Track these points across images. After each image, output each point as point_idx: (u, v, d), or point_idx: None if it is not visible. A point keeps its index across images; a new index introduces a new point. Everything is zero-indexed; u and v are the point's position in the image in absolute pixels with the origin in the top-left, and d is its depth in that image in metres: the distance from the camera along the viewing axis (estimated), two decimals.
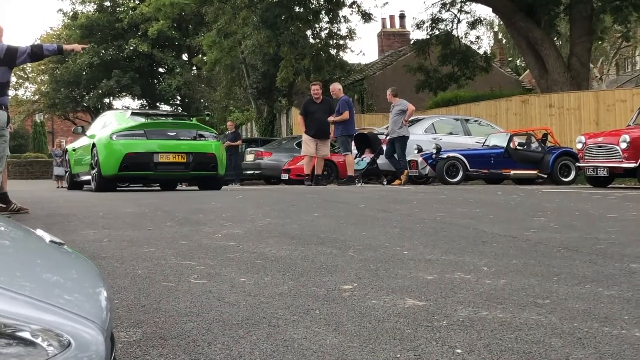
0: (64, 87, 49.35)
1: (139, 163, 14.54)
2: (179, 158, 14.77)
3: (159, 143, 14.68)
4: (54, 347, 1.07)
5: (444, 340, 3.20)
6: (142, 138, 14.67)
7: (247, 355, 3.02)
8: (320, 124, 16.39)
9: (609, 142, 14.74)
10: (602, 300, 3.91)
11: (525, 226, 7.22)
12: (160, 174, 15.30)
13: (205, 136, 15.49)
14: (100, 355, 1.14)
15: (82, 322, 1.17)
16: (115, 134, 14.69)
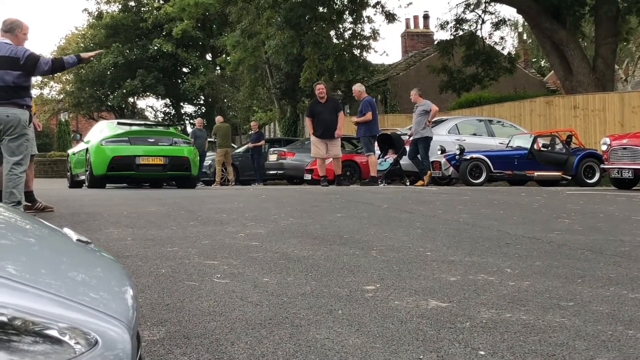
0: (89, 87, 49.58)
1: (123, 164, 17.04)
2: (157, 160, 17.31)
3: (141, 148, 17.29)
4: (81, 345, 1.08)
5: (467, 342, 3.19)
6: (126, 144, 17.28)
7: (270, 355, 3.03)
8: (327, 124, 16.26)
9: (634, 144, 14.66)
10: (627, 303, 3.89)
11: (549, 228, 7.19)
12: (141, 174, 17.76)
13: (179, 142, 18.07)
14: (127, 353, 1.15)
15: (109, 320, 1.17)
16: (105, 140, 17.32)
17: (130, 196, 12.39)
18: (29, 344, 1.04)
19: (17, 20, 8.32)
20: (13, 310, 1.06)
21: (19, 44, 8.16)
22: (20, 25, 8.29)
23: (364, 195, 11.74)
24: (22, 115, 8.04)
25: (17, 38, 8.19)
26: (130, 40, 48.16)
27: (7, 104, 7.98)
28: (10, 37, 8.17)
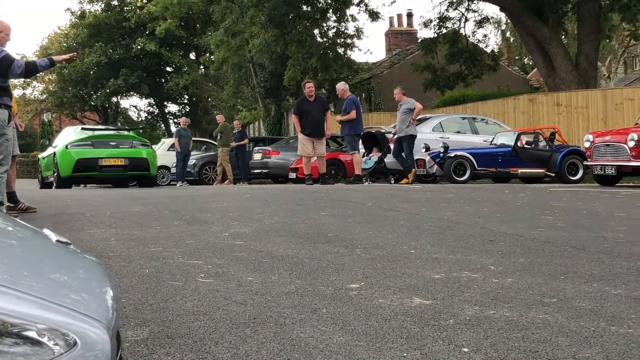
0: (72, 86, 49.44)
1: (87, 166, 18.45)
2: (118, 162, 18.78)
3: (103, 151, 18.75)
4: (60, 347, 1.08)
5: (450, 339, 3.20)
6: (90, 147, 18.71)
7: (254, 355, 3.03)
8: (315, 122, 16.30)
9: (617, 141, 14.73)
10: (610, 299, 3.91)
11: (533, 225, 7.22)
12: (104, 174, 19.26)
13: (138, 145, 19.52)
14: (106, 354, 1.15)
15: (89, 321, 1.17)
16: (70, 144, 18.74)
17: (113, 196, 12.35)
18: (9, 345, 1.04)
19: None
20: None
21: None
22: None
23: (348, 194, 11.75)
24: (1, 115, 7.97)
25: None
26: (113, 39, 48.03)
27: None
28: None
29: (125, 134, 21.51)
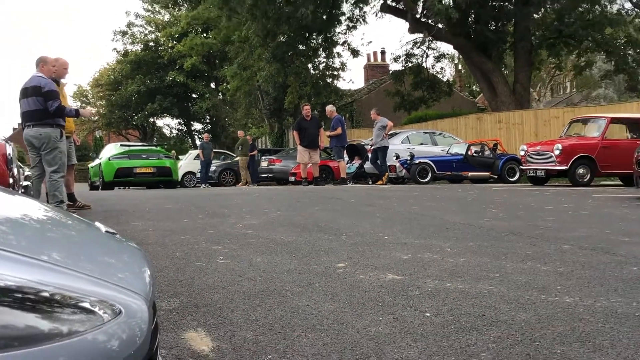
0: (118, 110, 49.31)
1: (125, 173, 19.55)
2: (148, 170, 19.90)
3: (137, 162, 19.80)
4: (108, 315, 1.08)
5: (416, 306, 3.20)
6: (127, 159, 19.78)
7: (262, 319, 3.03)
8: (311, 137, 16.47)
9: (546, 150, 14.78)
10: (540, 274, 3.92)
11: (480, 216, 7.23)
12: (138, 179, 20.10)
13: (162, 157, 20.86)
14: (145, 320, 1.15)
15: (131, 294, 1.17)
16: (112, 156, 19.95)
17: (151, 196, 12.33)
18: (68, 314, 1.04)
19: (42, 57, 8.30)
20: (53, 288, 1.05)
21: (47, 74, 8.14)
22: (44, 60, 8.26)
23: (336, 193, 11.75)
24: (52, 132, 7.99)
25: (44, 70, 8.16)
26: (150, 72, 47.87)
27: (41, 124, 7.95)
28: (40, 70, 8.15)
29: (154, 148, 22.52)
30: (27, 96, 7.94)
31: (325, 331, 2.84)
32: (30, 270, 1.09)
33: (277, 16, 27.09)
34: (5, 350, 0.93)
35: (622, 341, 2.64)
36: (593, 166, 14.31)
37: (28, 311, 1.00)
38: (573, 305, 3.18)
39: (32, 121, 7.96)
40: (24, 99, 7.97)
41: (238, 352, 2.60)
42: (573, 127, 16.12)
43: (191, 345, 2.69)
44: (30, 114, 7.96)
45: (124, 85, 47.83)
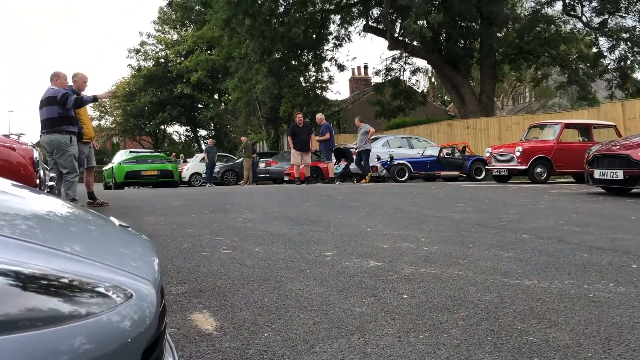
0: (132, 118, 49.06)
1: (133, 175, 20.51)
2: (153, 172, 20.79)
3: (143, 166, 20.72)
4: (120, 298, 1.08)
5: (394, 289, 3.21)
6: (135, 163, 20.78)
7: (259, 302, 3.03)
8: (303, 141, 16.49)
9: (508, 152, 14.84)
10: (503, 260, 3.94)
11: (451, 210, 7.26)
12: (144, 180, 20.93)
13: (165, 161, 21.94)
14: (153, 303, 1.15)
15: (141, 280, 1.17)
16: (122, 161, 20.95)
17: (161, 194, 12.30)
18: (86, 297, 1.04)
19: (55, 72, 8.39)
20: (73, 275, 1.06)
21: (59, 87, 8.25)
22: (57, 74, 8.41)
23: (325, 190, 11.75)
24: (62, 138, 8.12)
25: (57, 83, 8.25)
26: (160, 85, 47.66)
27: (52, 131, 8.13)
28: (54, 84, 8.24)
29: (157, 154, 23.71)
30: (43, 106, 8.10)
31: (315, 311, 2.84)
32: (54, 259, 1.10)
33: (272, 35, 27.13)
34: (31, 329, 0.94)
35: (574, 318, 2.66)
36: (549, 166, 14.38)
37: (51, 295, 1.01)
38: (532, 287, 3.20)
39: (45, 129, 8.20)
40: (41, 109, 8.19)
41: (238, 331, 2.60)
42: (532, 131, 16.19)
43: (197, 325, 2.69)
44: (44, 123, 8.18)
45: (137, 97, 47.62)
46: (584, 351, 2.26)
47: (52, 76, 8.31)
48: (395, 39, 26.22)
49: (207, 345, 2.44)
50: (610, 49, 25.80)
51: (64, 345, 0.95)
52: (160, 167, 20.97)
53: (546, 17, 26.51)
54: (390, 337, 2.47)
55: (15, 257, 1.04)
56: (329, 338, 2.47)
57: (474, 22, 25.37)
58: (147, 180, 20.84)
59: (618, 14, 25.17)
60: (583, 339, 2.39)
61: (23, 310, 0.95)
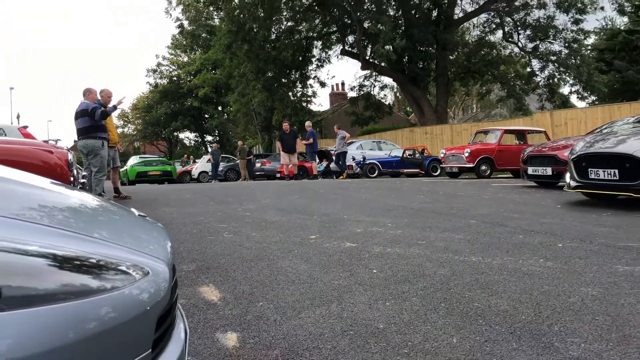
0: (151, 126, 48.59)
1: (142, 175, 21.79)
2: (157, 173, 22.19)
3: (150, 167, 22.26)
4: (139, 275, 1.08)
5: (366, 266, 3.22)
6: (143, 166, 22.32)
7: (255, 277, 3.02)
8: (290, 145, 16.41)
9: (458, 153, 14.91)
10: (454, 241, 3.96)
11: (412, 200, 7.29)
12: (150, 178, 21.89)
13: (166, 164, 23.25)
14: (166, 279, 1.15)
15: (157, 260, 1.17)
16: (134, 164, 22.47)
17: (173, 189, 12.23)
18: (111, 274, 1.04)
19: (87, 88, 8.39)
20: (99, 256, 1.05)
21: (91, 100, 8.29)
22: (89, 90, 8.40)
23: (310, 185, 11.75)
24: (95, 143, 8.20)
25: (89, 98, 8.29)
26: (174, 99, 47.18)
27: (87, 137, 8.21)
28: (85, 98, 8.25)
29: (160, 159, 25.58)
30: (78, 117, 8.13)
31: (302, 284, 2.85)
32: (84, 244, 1.09)
33: (266, 58, 27.04)
34: (66, 301, 0.94)
35: (511, 288, 2.69)
36: (492, 164, 14.48)
37: (82, 273, 1.00)
38: (477, 263, 3.23)
39: (81, 135, 8.25)
40: (76, 120, 8.24)
41: (238, 300, 2.60)
42: (478, 136, 16.28)
43: (204, 296, 2.69)
44: (80, 131, 8.23)
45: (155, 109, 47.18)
46: (519, 314, 2.29)
47: (85, 92, 8.36)
48: (366, 60, 26.23)
49: (212, 312, 2.44)
50: (541, 69, 26.07)
51: (93, 314, 0.96)
52: (162, 168, 22.64)
53: (489, 43, 26.65)
54: (362, 304, 2.48)
55: (52, 242, 1.04)
56: (313, 306, 2.48)
57: (431, 47, 25.45)
58: (153, 178, 22.12)
59: (547, 41, 25.41)
60: (518, 305, 2.42)
61: (59, 286, 0.95)
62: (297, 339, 2.09)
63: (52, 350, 0.88)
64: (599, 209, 5.69)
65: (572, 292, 2.58)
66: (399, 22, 25.13)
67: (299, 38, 28.31)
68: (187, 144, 58.42)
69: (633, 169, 5.39)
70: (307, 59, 29.18)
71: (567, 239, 3.95)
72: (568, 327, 2.13)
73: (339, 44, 28.70)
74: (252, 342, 2.08)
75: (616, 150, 5.66)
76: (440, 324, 2.20)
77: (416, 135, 24.24)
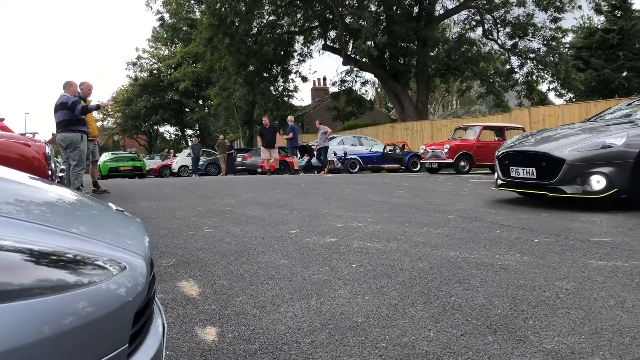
0: (130, 120, 47.99)
1: (114, 170, 22.51)
2: (128, 168, 22.99)
3: (121, 163, 23.12)
4: (116, 270, 1.07)
5: (346, 260, 3.24)
6: (115, 161, 23.09)
7: (235, 271, 3.02)
8: (269, 140, 16.35)
9: (438, 148, 15.02)
10: (433, 236, 4.00)
11: (392, 195, 7.33)
12: (122, 173, 22.55)
13: (136, 160, 24.07)
14: (143, 273, 1.14)
15: (134, 255, 1.16)
16: (106, 160, 22.97)
17: (154, 183, 12.11)
18: (88, 269, 1.03)
19: (68, 81, 8.28)
20: (77, 251, 1.04)
21: (71, 93, 8.16)
22: (70, 83, 8.28)
23: (291, 180, 11.73)
24: (74, 136, 8.08)
25: (69, 90, 8.15)
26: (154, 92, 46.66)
27: (66, 130, 8.09)
28: (66, 91, 8.13)
29: (131, 155, 25.63)
30: (57, 110, 8.00)
31: (281, 279, 2.85)
32: (61, 239, 1.08)
33: (247, 52, 26.88)
34: (42, 296, 0.93)
35: (488, 282, 2.73)
36: (471, 160, 14.63)
37: (58, 268, 1.00)
38: (455, 258, 3.26)
39: (60, 128, 8.13)
40: (56, 113, 8.10)
41: (217, 295, 2.59)
42: (457, 132, 16.43)
43: (183, 291, 2.67)
44: (59, 124, 8.12)
45: (135, 102, 46.63)
46: (495, 308, 2.33)
47: (65, 84, 8.23)
48: (348, 56, 26.25)
49: (191, 307, 2.43)
50: (519, 66, 26.41)
51: (69, 308, 0.95)
52: (132, 164, 23.52)
53: (469, 40, 26.88)
54: (341, 298, 2.49)
55: (29, 237, 1.03)
56: (292, 300, 2.49)
57: (411, 44, 25.57)
58: (124, 173, 22.86)
59: (526, 38, 25.72)
60: (494, 299, 2.45)
61: (35, 281, 0.95)
62: (276, 333, 2.10)
63: (28, 345, 0.88)
64: (574, 204, 5.78)
65: (547, 287, 2.62)
66: (380, 18, 25.17)
67: (281, 32, 28.21)
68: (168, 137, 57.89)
69: (549, 167, 5.44)
70: (288, 53, 29.10)
71: (543, 234, 4.02)
72: (543, 320, 2.17)
73: (321, 39, 28.67)
74: (231, 337, 2.08)
75: (534, 148, 5.71)
76: (418, 317, 2.23)
77: (397, 131, 24.35)
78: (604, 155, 5.17)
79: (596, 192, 5.16)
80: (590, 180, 5.20)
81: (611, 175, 5.11)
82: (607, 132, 5.43)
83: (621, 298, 2.44)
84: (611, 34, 27.17)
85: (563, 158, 5.33)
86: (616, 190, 5.10)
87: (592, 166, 5.19)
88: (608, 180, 5.12)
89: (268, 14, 27.63)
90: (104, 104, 8.84)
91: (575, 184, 5.28)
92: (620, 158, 5.11)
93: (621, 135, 5.24)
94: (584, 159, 5.24)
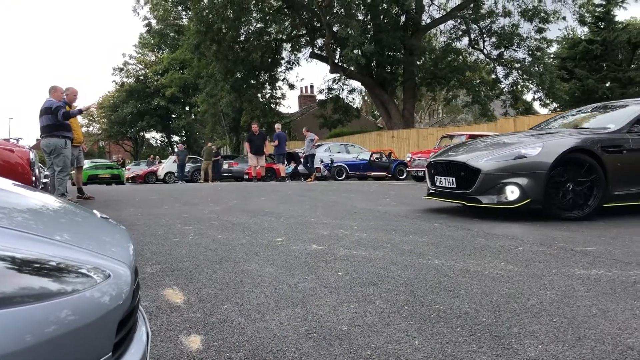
0: (116, 126, 47.64)
1: (94, 177, 22.77)
2: (107, 175, 23.43)
3: (100, 171, 23.49)
4: (100, 278, 1.07)
5: (332, 268, 3.24)
6: (95, 169, 23.32)
7: (221, 279, 3.01)
8: (258, 147, 16.35)
9: (424, 156, 15.11)
10: (419, 244, 4.02)
11: (378, 203, 7.34)
12: (101, 180, 22.98)
13: (114, 168, 24.36)
14: (128, 282, 1.14)
15: (118, 263, 1.16)
16: (87, 168, 22.10)
17: (139, 190, 12.02)
18: (72, 277, 1.02)
19: (53, 86, 8.25)
20: (60, 259, 1.04)
21: (56, 98, 8.13)
22: (55, 88, 8.25)
23: (277, 187, 11.72)
24: (58, 142, 8.02)
25: (54, 95, 8.14)
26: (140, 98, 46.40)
27: (50, 135, 8.03)
28: (52, 96, 8.09)
29: (110, 163, 25.98)
30: (42, 115, 7.95)
31: (267, 287, 2.85)
32: (45, 246, 1.08)
33: (234, 59, 26.87)
34: (25, 304, 0.92)
35: (473, 290, 2.74)
36: None
37: (41, 276, 0.99)
38: (440, 266, 3.28)
39: (44, 133, 8.07)
40: (40, 117, 8.05)
41: (202, 303, 2.58)
42: (443, 140, 16.54)
43: (168, 299, 2.66)
44: (43, 129, 8.07)
45: (121, 108, 46.33)
46: (480, 316, 2.34)
47: (50, 89, 8.19)
48: (335, 64, 26.35)
49: (176, 315, 2.42)
50: (505, 75, 26.73)
51: (52, 317, 0.94)
52: (111, 172, 24.03)
53: (455, 49, 27.14)
54: (327, 307, 2.49)
55: (11, 244, 1.02)
56: (278, 308, 2.48)
57: (398, 52, 25.73)
58: (103, 180, 23.33)
59: (512, 48, 26.04)
60: (479, 307, 2.47)
61: (18, 289, 0.94)
62: (261, 341, 2.09)
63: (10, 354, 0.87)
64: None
65: (531, 295, 2.64)
66: (367, 27, 25.34)
67: (268, 40, 28.26)
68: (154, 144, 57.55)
69: (467, 177, 5.51)
70: (276, 60, 29.15)
71: (527, 242, 4.05)
72: (527, 329, 2.19)
73: (308, 46, 28.77)
74: (215, 345, 2.06)
75: (453, 158, 5.79)
76: (404, 326, 2.23)
77: (383, 139, 24.44)
78: (518, 166, 5.19)
79: (510, 203, 5.20)
80: (505, 190, 5.23)
81: (524, 186, 5.12)
82: (524, 142, 5.46)
83: (604, 306, 2.46)
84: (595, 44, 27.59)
85: (479, 168, 5.37)
86: (530, 201, 5.13)
87: (507, 176, 5.21)
88: (522, 191, 5.14)
89: (256, 22, 27.68)
90: (87, 107, 8.77)
91: (491, 194, 5.31)
92: (534, 169, 5.13)
93: (537, 145, 5.25)
94: (499, 169, 5.26)
